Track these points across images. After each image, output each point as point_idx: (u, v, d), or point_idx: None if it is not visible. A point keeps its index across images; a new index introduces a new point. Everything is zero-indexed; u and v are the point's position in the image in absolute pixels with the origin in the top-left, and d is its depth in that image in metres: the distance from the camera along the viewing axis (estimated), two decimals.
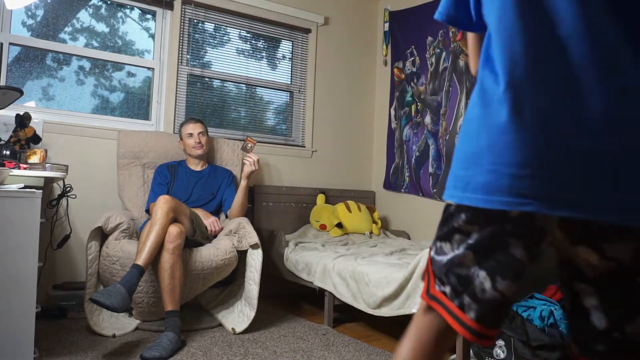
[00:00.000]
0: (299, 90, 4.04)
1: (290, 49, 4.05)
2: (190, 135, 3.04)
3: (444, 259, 0.86)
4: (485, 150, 0.74)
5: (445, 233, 0.86)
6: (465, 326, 0.83)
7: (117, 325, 2.52)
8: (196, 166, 3.08)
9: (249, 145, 3.06)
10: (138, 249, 2.35)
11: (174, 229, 2.41)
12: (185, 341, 2.38)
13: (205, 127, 3.12)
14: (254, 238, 2.68)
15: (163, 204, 2.45)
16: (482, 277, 0.80)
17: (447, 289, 0.85)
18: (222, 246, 2.67)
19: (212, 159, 3.27)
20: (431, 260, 0.90)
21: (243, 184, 2.99)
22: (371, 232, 3.69)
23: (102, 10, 3.40)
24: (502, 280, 0.78)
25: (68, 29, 3.29)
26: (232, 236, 2.76)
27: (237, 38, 3.84)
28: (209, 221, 2.86)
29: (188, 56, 3.58)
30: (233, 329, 2.58)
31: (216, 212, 3.05)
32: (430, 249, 0.91)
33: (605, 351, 0.69)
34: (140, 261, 2.28)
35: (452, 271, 0.84)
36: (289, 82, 4.04)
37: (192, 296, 2.68)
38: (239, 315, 2.69)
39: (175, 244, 2.39)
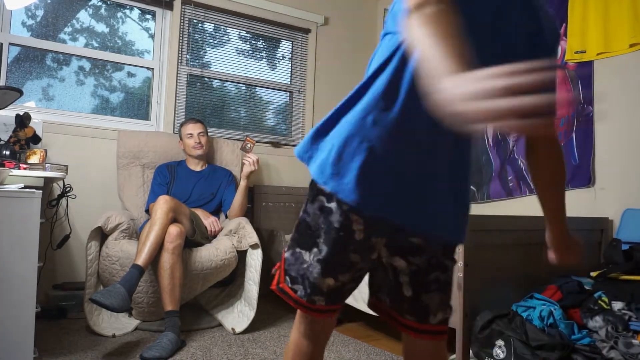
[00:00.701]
0: (299, 91, 4.04)
1: (290, 49, 4.05)
2: (190, 135, 3.04)
3: None
4: None
5: None
6: None
7: (116, 325, 2.52)
8: (196, 166, 3.08)
9: (248, 145, 3.06)
10: (138, 249, 2.35)
11: (173, 229, 2.41)
12: (185, 341, 2.38)
13: (205, 128, 3.12)
14: (253, 238, 2.68)
15: (163, 204, 2.45)
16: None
17: None
18: (221, 246, 2.67)
19: (212, 159, 3.27)
20: None
21: (242, 184, 2.99)
22: None
23: (102, 11, 3.40)
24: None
25: (68, 29, 3.29)
26: (232, 236, 2.76)
27: (237, 38, 3.84)
28: (209, 221, 2.86)
29: (188, 56, 3.58)
30: (233, 329, 2.58)
31: (216, 212, 3.05)
32: None
33: (408, 309, 1.06)
34: (140, 261, 2.28)
35: None
36: (289, 82, 4.04)
37: (192, 296, 2.68)
38: (238, 315, 2.69)
39: (175, 244, 2.39)
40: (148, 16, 3.53)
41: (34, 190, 1.83)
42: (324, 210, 1.01)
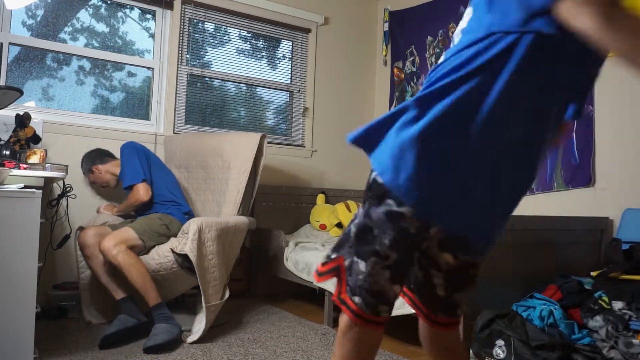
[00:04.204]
0: (299, 90, 4.04)
1: (290, 49, 4.05)
2: None
3: None
4: None
5: None
6: None
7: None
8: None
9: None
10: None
11: (106, 244, 2.38)
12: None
13: (86, 168, 2.91)
14: (187, 245, 2.41)
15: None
16: None
17: None
18: (160, 250, 2.54)
19: (213, 156, 3.17)
20: None
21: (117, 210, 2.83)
22: None
23: (102, 10, 3.40)
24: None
25: (68, 28, 3.29)
26: (178, 238, 2.54)
27: (237, 38, 3.84)
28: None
29: (188, 56, 3.58)
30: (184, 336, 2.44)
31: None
32: None
33: (442, 309, 1.17)
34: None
35: None
36: (289, 82, 4.04)
37: (173, 296, 2.66)
38: (199, 321, 2.50)
39: (115, 251, 2.36)
40: (148, 16, 3.53)
41: (34, 190, 1.83)
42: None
